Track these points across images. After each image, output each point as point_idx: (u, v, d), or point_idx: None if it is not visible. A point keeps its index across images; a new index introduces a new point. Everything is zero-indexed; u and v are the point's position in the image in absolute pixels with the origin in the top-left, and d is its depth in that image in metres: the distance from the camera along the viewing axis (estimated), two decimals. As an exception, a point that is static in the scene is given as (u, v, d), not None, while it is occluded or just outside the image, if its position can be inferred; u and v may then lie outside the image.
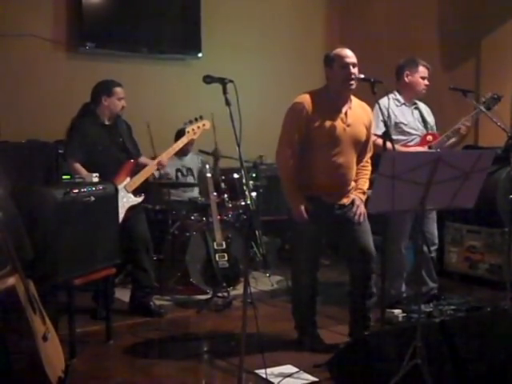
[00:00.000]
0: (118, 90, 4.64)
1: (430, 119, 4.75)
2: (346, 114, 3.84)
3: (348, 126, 3.83)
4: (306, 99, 3.82)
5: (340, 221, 3.89)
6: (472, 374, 3.19)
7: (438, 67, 5.50)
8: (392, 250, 4.57)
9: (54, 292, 3.81)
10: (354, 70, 3.77)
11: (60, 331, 3.55)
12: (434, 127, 4.76)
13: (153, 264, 4.79)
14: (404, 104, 4.65)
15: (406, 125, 4.59)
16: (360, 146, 3.92)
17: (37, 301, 3.08)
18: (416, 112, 4.69)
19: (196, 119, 4.81)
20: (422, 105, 4.77)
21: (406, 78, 4.63)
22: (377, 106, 4.03)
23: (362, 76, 3.73)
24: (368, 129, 3.95)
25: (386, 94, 4.25)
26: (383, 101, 4.46)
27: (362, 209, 3.87)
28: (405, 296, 4.68)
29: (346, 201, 3.91)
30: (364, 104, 3.98)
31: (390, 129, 4.48)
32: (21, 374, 2.87)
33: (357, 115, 3.88)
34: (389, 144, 3.54)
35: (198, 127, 4.80)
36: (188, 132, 4.79)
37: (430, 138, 4.57)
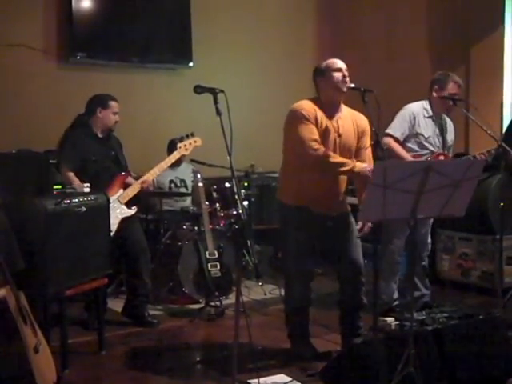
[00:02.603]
0: (114, 104, 4.67)
1: (450, 138, 4.71)
2: (337, 122, 3.85)
3: (339, 135, 3.83)
4: (303, 106, 3.81)
5: (330, 232, 3.89)
6: (464, 382, 3.20)
7: (427, 75, 5.49)
8: (385, 251, 4.59)
9: (46, 303, 3.79)
10: (347, 74, 3.78)
11: (52, 342, 3.55)
12: (452, 145, 4.73)
13: (150, 274, 4.79)
14: (431, 117, 4.59)
15: (425, 138, 4.55)
16: (351, 156, 3.89)
17: (28, 312, 3.07)
18: (438, 130, 4.62)
19: (187, 136, 4.85)
20: (448, 121, 4.72)
21: (434, 93, 4.58)
22: (406, 110, 4.22)
23: (353, 85, 3.73)
24: (360, 138, 3.92)
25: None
26: (415, 107, 4.50)
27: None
28: (397, 304, 4.69)
29: (336, 213, 3.91)
30: (356, 113, 3.94)
31: (410, 137, 4.52)
32: (12, 386, 2.86)
33: (348, 125, 3.88)
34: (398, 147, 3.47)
35: (190, 143, 4.84)
36: (180, 148, 4.83)
37: (441, 158, 4.54)
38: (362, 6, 7.24)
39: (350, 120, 3.91)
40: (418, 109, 4.56)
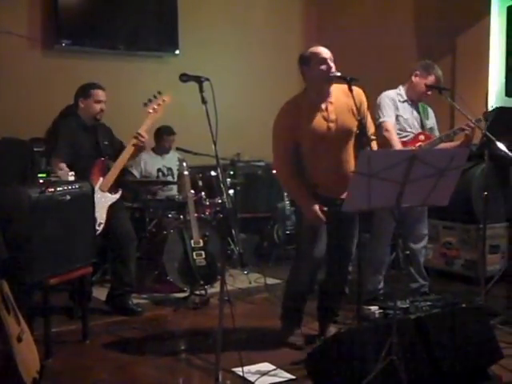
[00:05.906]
0: (96, 92, 4.59)
1: (430, 122, 4.76)
2: (326, 109, 3.77)
3: (332, 122, 3.75)
4: (287, 110, 3.80)
5: (336, 217, 3.85)
6: (446, 370, 3.22)
7: (413, 63, 5.49)
8: (375, 245, 4.61)
9: (29, 292, 3.77)
10: (332, 64, 3.75)
11: (36, 331, 3.54)
12: (435, 128, 4.77)
13: (135, 262, 4.77)
14: (406, 101, 4.67)
15: (405, 120, 4.62)
16: (352, 136, 3.81)
17: (11, 301, 3.05)
18: (415, 112, 4.70)
19: (155, 96, 4.69)
20: (428, 108, 4.79)
21: (413, 77, 4.66)
22: (385, 96, 4.48)
23: (339, 74, 3.71)
24: (359, 110, 3.71)
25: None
26: (390, 93, 4.65)
27: None
28: (382, 292, 4.72)
29: (343, 197, 3.87)
30: (346, 87, 3.67)
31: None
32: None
33: (340, 106, 3.78)
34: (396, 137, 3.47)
35: (159, 104, 4.70)
36: (150, 112, 4.67)
37: (422, 137, 4.59)
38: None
39: (342, 99, 3.79)
40: (394, 94, 4.68)
